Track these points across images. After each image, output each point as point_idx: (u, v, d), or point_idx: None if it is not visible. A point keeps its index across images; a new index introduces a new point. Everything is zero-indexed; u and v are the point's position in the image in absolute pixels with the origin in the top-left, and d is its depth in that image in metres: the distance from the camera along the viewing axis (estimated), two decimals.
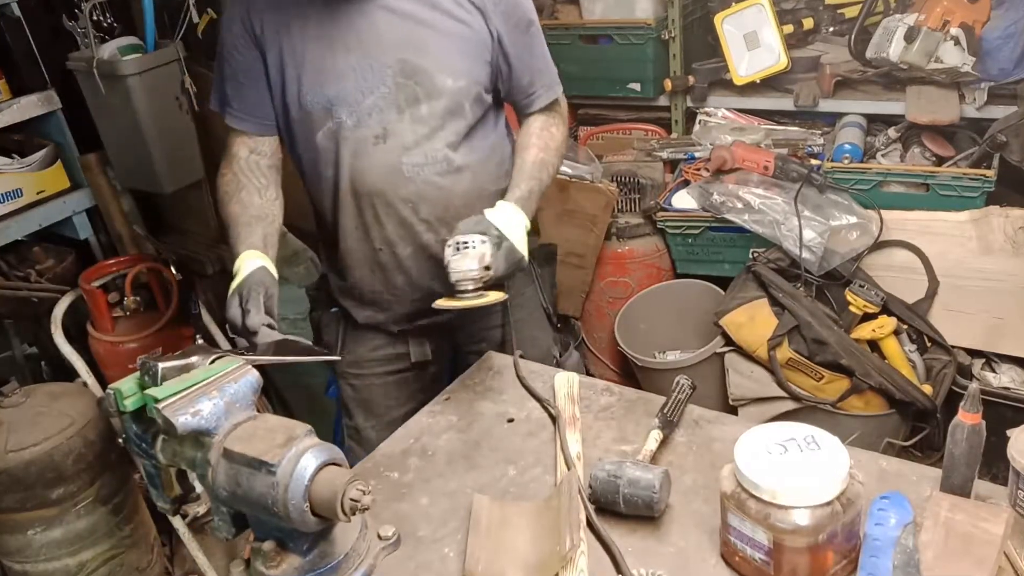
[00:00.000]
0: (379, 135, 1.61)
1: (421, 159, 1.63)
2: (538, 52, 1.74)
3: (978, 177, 2.44)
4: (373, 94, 1.59)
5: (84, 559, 1.96)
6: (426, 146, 1.63)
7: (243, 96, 1.67)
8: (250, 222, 1.63)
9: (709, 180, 2.73)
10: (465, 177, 1.67)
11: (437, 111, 1.62)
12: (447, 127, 1.63)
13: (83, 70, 2.42)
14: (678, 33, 2.89)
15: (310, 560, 1.03)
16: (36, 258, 2.60)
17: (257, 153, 1.71)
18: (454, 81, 1.61)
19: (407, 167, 1.62)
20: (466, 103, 1.64)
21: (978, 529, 1.02)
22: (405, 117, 1.61)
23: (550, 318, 1.95)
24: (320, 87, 1.60)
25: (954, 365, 2.42)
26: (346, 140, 1.62)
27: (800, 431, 1.07)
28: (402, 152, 1.62)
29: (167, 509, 1.20)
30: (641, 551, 1.14)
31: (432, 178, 1.64)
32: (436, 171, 1.64)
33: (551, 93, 1.76)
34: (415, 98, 1.60)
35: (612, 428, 1.40)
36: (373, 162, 1.62)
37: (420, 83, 1.60)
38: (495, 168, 1.74)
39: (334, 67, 1.59)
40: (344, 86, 1.59)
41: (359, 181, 1.64)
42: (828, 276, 2.49)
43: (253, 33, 1.62)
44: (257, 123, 1.70)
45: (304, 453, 0.97)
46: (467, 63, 1.63)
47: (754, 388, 2.48)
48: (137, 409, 1.07)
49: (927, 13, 2.47)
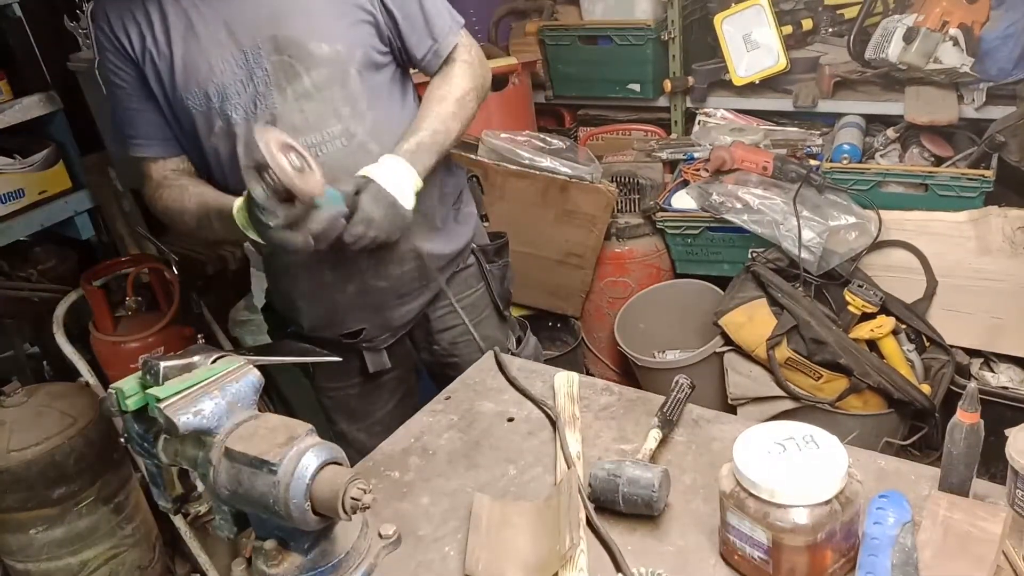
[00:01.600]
0: (268, 122, 1.50)
1: (316, 138, 1.53)
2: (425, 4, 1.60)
3: (976, 177, 2.44)
4: (252, 79, 1.50)
5: (86, 558, 1.97)
6: (318, 123, 1.53)
7: (137, 122, 1.59)
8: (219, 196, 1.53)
9: (708, 180, 2.73)
10: (373, 153, 1.54)
11: (320, 82, 1.51)
12: (336, 99, 1.53)
13: (85, 70, 2.43)
14: (678, 34, 2.90)
15: (311, 559, 1.03)
16: (38, 258, 2.61)
17: (178, 171, 1.63)
18: (330, 46, 1.51)
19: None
20: (351, 70, 1.53)
21: (976, 528, 1.02)
22: (288, 96, 1.51)
23: (499, 312, 1.90)
24: (195, 86, 1.50)
25: (952, 365, 2.43)
26: (239, 138, 1.52)
27: (799, 430, 1.08)
28: (293, 135, 1.44)
29: (169, 508, 1.20)
30: (641, 550, 1.15)
31: (335, 156, 1.54)
32: (336, 148, 1.55)
33: (447, 42, 1.63)
34: (294, 73, 1.50)
35: (612, 427, 1.41)
36: None
37: (294, 55, 1.49)
38: None
39: (207, 61, 1.49)
40: (220, 80, 1.50)
41: None
42: (827, 276, 2.50)
43: (124, 51, 1.53)
44: (162, 145, 1.61)
45: (305, 452, 0.98)
46: (342, 25, 1.52)
47: (753, 387, 2.49)
48: (139, 408, 1.08)
49: (926, 14, 2.47)
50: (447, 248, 1.77)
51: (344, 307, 1.72)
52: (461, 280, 1.83)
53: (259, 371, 1.10)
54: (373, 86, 1.58)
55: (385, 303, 1.73)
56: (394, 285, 1.72)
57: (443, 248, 1.76)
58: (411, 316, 1.79)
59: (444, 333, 1.84)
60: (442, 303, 1.82)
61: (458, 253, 1.81)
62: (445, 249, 1.77)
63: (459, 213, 1.82)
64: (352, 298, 1.70)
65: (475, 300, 1.85)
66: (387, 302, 1.73)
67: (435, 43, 1.62)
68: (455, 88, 1.62)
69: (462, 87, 1.63)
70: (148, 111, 1.58)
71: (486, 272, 1.85)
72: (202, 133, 1.56)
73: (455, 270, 1.81)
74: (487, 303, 1.88)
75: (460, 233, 1.81)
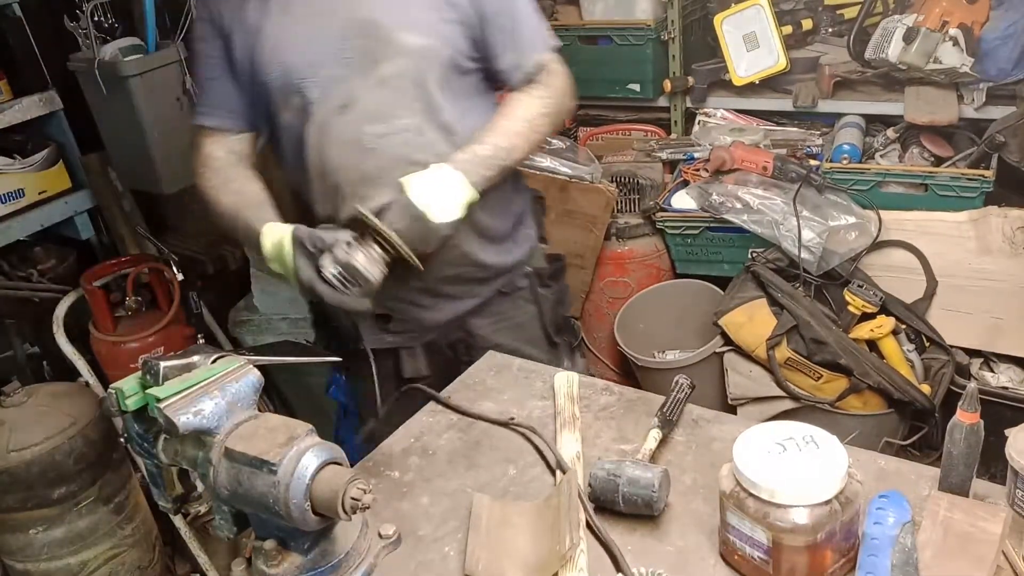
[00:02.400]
0: (343, 104, 1.49)
1: (385, 128, 1.50)
2: (520, 11, 1.55)
3: (976, 177, 2.44)
4: (335, 59, 1.48)
5: (86, 558, 1.97)
6: (390, 114, 1.50)
7: (211, 91, 1.59)
8: (257, 204, 1.54)
9: (708, 180, 2.73)
10: (440, 153, 1.50)
11: (399, 72, 1.48)
12: (413, 92, 1.49)
13: (84, 71, 2.43)
14: (677, 34, 2.90)
15: (311, 559, 1.03)
16: (38, 258, 2.61)
17: (233, 153, 1.62)
18: (417, 39, 1.47)
19: (367, 138, 1.50)
20: (435, 66, 1.49)
21: (976, 528, 1.02)
22: (368, 81, 1.48)
23: (550, 339, 1.84)
24: (278, 60, 1.50)
25: (952, 365, 2.43)
26: (312, 116, 1.51)
27: (799, 430, 1.08)
28: (364, 121, 1.49)
29: (168, 508, 1.20)
30: (640, 550, 1.15)
31: (397, 149, 1.50)
32: (402, 142, 1.51)
33: (533, 59, 1.57)
34: (374, 58, 1.47)
35: (611, 427, 1.41)
36: (333, 136, 1.51)
37: (380, 41, 1.47)
38: None
39: (292, 36, 1.49)
40: (303, 55, 1.48)
41: (322, 161, 1.53)
42: (827, 276, 2.50)
43: (215, 22, 1.54)
44: (228, 117, 1.60)
45: (305, 452, 0.98)
46: (432, 20, 1.48)
47: (753, 387, 2.49)
48: (139, 408, 1.08)
49: (926, 14, 2.47)
50: (493, 259, 1.70)
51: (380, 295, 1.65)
52: (510, 301, 1.77)
53: (259, 371, 1.10)
54: (454, 87, 1.54)
55: (416, 299, 1.68)
56: (429, 284, 1.66)
57: (489, 258, 1.69)
58: (443, 320, 1.72)
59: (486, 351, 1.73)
60: (488, 318, 1.76)
61: (506, 270, 1.74)
62: (491, 260, 1.70)
63: (518, 233, 1.75)
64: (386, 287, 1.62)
65: (524, 322, 1.79)
66: (418, 299, 1.68)
67: (520, 57, 1.56)
68: (529, 108, 1.56)
69: (536, 109, 1.56)
70: (225, 81, 1.57)
71: (539, 296, 1.79)
72: (277, 107, 1.54)
73: (503, 289, 1.75)
74: (536, 327, 1.81)
75: (513, 252, 1.74)
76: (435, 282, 1.66)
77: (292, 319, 2.74)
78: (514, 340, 1.75)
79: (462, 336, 1.78)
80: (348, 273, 1.29)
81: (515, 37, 1.55)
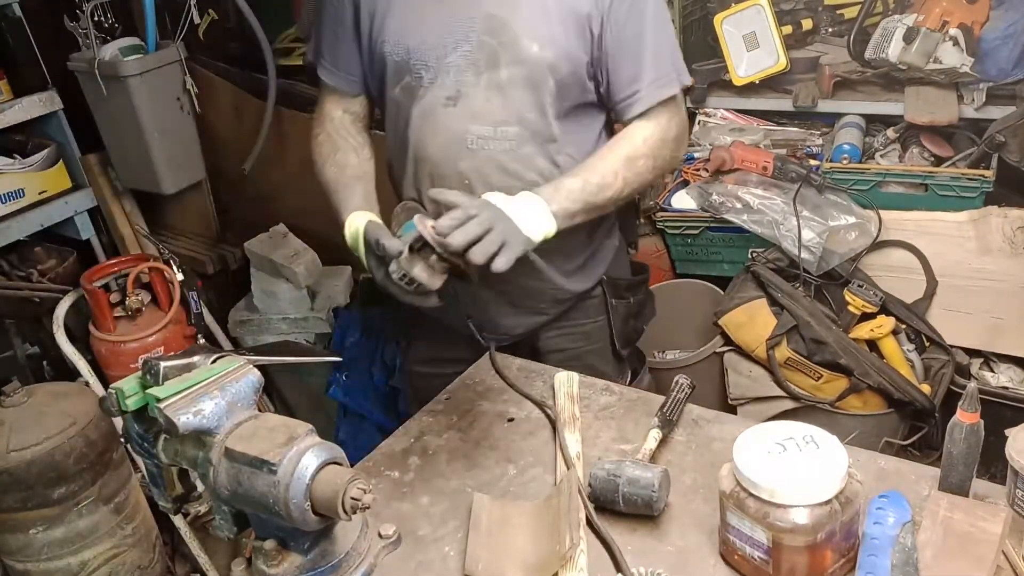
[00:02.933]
0: (452, 96, 1.47)
1: (489, 132, 1.47)
2: (649, 38, 1.45)
3: (976, 177, 2.44)
4: (456, 51, 1.45)
5: (86, 558, 1.96)
6: (497, 118, 1.46)
7: (336, 51, 1.60)
8: (349, 183, 1.55)
9: (708, 180, 2.73)
10: (537, 168, 1.48)
11: (516, 80, 1.44)
12: (524, 103, 1.45)
13: (84, 71, 2.43)
14: (677, 33, 2.89)
15: (311, 559, 1.03)
16: (38, 258, 2.61)
17: (350, 113, 1.65)
18: (540, 49, 1.42)
19: (471, 138, 1.47)
20: (551, 79, 1.44)
21: (976, 528, 1.02)
22: (482, 80, 1.45)
23: (616, 351, 1.79)
24: (401, 37, 1.48)
25: (952, 365, 2.43)
26: (420, 100, 1.49)
27: (799, 430, 1.08)
28: (470, 119, 1.46)
29: (169, 508, 1.20)
30: (640, 550, 1.15)
31: (497, 156, 1.47)
32: (503, 149, 1.47)
33: (652, 96, 1.47)
34: (495, 60, 1.43)
35: (611, 427, 1.41)
36: (438, 126, 1.49)
37: (503, 43, 1.42)
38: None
39: (420, 17, 1.46)
40: (426, 39, 1.46)
41: (422, 147, 1.51)
42: (827, 276, 2.50)
43: None
44: (347, 80, 1.62)
45: (305, 452, 0.98)
46: (559, 31, 1.43)
47: (753, 387, 2.49)
48: (139, 408, 1.08)
49: (926, 14, 2.47)
50: (574, 286, 1.68)
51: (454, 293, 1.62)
52: (581, 308, 1.73)
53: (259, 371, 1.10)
54: (566, 106, 1.49)
55: (496, 306, 1.67)
56: (511, 294, 1.65)
57: (571, 284, 1.67)
58: (520, 330, 1.71)
59: (550, 355, 1.73)
60: (555, 324, 1.74)
61: (585, 291, 1.71)
62: (573, 286, 1.68)
63: (601, 247, 1.71)
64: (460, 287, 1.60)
65: (591, 330, 1.75)
66: (498, 306, 1.68)
67: (638, 92, 1.48)
68: (630, 147, 1.47)
69: (639, 149, 1.47)
70: (349, 44, 1.58)
71: (610, 307, 1.74)
72: (389, 83, 1.54)
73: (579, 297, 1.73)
74: (603, 336, 1.76)
75: (594, 270, 1.71)
76: (514, 292, 1.65)
77: (292, 319, 2.75)
78: (577, 346, 1.73)
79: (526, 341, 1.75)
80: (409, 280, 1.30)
81: (639, 68, 1.47)
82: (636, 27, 1.45)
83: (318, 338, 2.75)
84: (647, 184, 1.51)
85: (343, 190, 1.54)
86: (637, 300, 1.79)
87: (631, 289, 1.77)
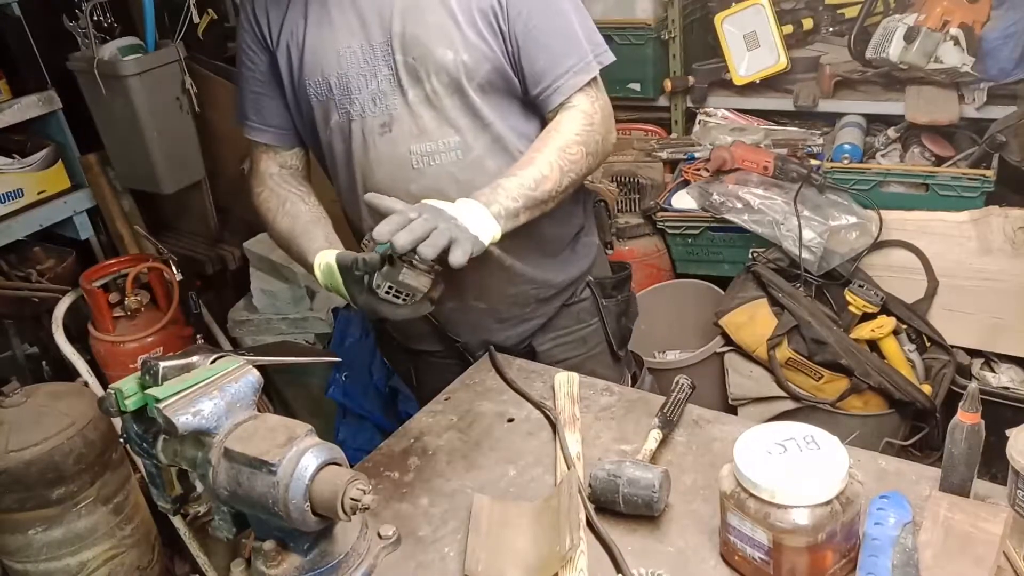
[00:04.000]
0: (385, 123, 1.47)
1: (431, 147, 1.47)
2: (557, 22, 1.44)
3: (977, 177, 2.44)
4: (376, 77, 1.45)
5: (85, 559, 1.96)
6: (435, 132, 1.46)
7: (261, 107, 1.58)
8: (306, 229, 1.53)
9: (709, 180, 2.73)
10: (489, 171, 1.46)
11: (441, 90, 1.44)
12: (456, 109, 1.46)
13: (83, 70, 2.42)
14: (678, 33, 2.90)
15: (310, 559, 1.03)
16: (37, 258, 2.60)
17: (287, 167, 1.63)
18: (455, 55, 1.42)
19: (415, 158, 1.47)
20: (474, 82, 1.44)
21: (977, 529, 1.02)
22: (409, 99, 1.45)
23: (614, 352, 1.78)
24: (320, 75, 1.47)
25: (953, 365, 2.43)
26: (354, 134, 1.49)
27: (799, 431, 1.07)
28: (409, 140, 1.46)
29: (168, 509, 1.20)
30: (641, 551, 1.15)
31: (446, 168, 1.47)
32: (451, 160, 1.47)
33: (568, 85, 1.46)
34: (416, 77, 1.44)
35: (612, 428, 1.40)
36: (380, 155, 1.49)
37: (418, 58, 1.43)
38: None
39: (335, 51, 1.46)
40: (345, 71, 1.46)
41: (369, 179, 1.51)
42: (827, 276, 2.50)
43: (261, 34, 1.53)
44: (278, 134, 1.60)
45: (305, 453, 0.98)
46: (470, 33, 1.43)
47: (754, 388, 2.49)
48: (138, 409, 1.08)
49: (927, 13, 2.47)
50: (556, 277, 1.66)
51: (444, 319, 1.65)
52: (572, 314, 1.72)
53: (258, 371, 1.10)
54: (501, 103, 1.49)
55: (484, 324, 1.66)
56: (495, 307, 1.64)
57: (552, 277, 1.65)
58: (512, 342, 1.69)
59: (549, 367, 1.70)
60: (549, 335, 1.71)
61: (568, 284, 1.69)
62: (554, 278, 1.66)
63: (578, 243, 1.70)
64: (450, 313, 1.63)
65: (586, 335, 1.73)
66: (486, 324, 1.66)
67: (552, 84, 1.46)
68: (560, 137, 1.45)
69: (567, 138, 1.45)
70: (272, 98, 1.56)
71: (602, 308, 1.73)
72: (319, 124, 1.53)
73: (566, 302, 1.71)
74: (600, 340, 1.75)
75: (575, 264, 1.69)
76: (498, 304, 1.64)
77: (292, 319, 2.74)
78: (577, 355, 1.72)
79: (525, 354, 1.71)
80: (399, 288, 1.29)
81: (552, 57, 1.45)
82: (542, 14, 1.43)
83: (317, 338, 2.75)
84: (585, 172, 1.48)
85: (301, 237, 1.52)
86: (624, 297, 1.79)
87: (618, 287, 1.77)
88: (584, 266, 1.71)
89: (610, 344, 1.77)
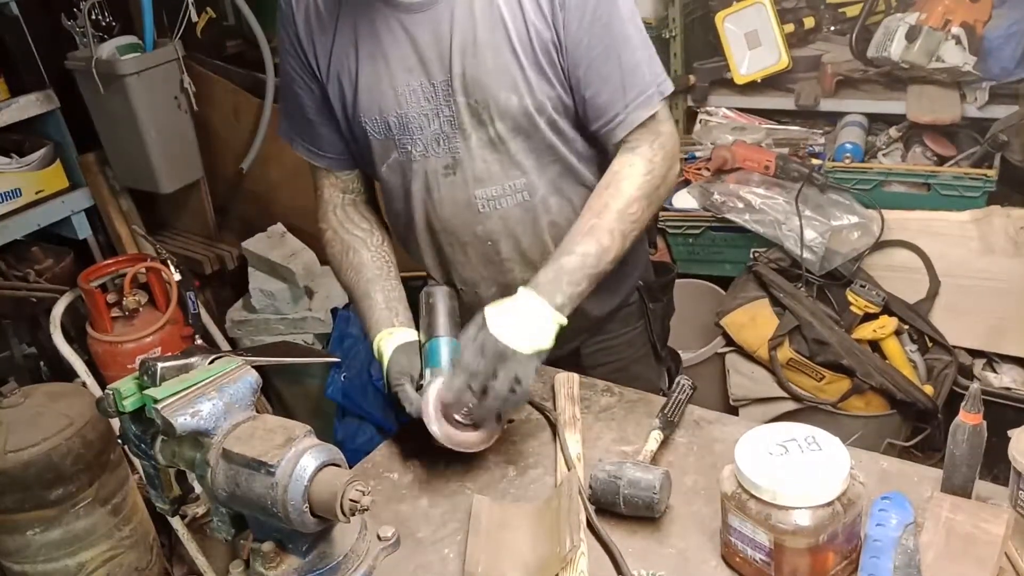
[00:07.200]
0: (449, 165, 1.41)
1: (496, 191, 1.42)
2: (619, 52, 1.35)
3: (979, 177, 2.43)
4: (439, 118, 1.39)
5: (83, 560, 1.96)
6: (499, 175, 1.41)
7: (316, 134, 1.52)
8: (367, 291, 1.48)
9: (710, 180, 2.72)
10: (552, 210, 1.45)
11: (506, 134, 1.39)
12: (521, 151, 1.40)
13: (82, 69, 2.42)
14: (679, 32, 2.89)
15: (309, 561, 1.02)
16: (35, 258, 2.60)
17: (350, 193, 1.57)
18: (519, 99, 1.36)
19: (480, 202, 1.43)
20: (540, 122, 1.39)
21: (979, 530, 1.02)
22: (472, 142, 1.39)
23: (657, 353, 1.75)
24: (378, 114, 1.41)
25: (955, 365, 2.42)
26: (416, 173, 1.44)
27: (801, 431, 1.07)
28: (474, 184, 1.41)
29: (166, 510, 1.19)
30: (641, 552, 1.14)
31: (513, 212, 1.44)
32: (516, 203, 1.43)
33: (629, 120, 1.37)
34: (480, 120, 1.38)
35: (612, 429, 1.40)
36: (443, 197, 1.44)
37: (480, 101, 1.36)
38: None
39: (392, 90, 1.39)
40: (405, 112, 1.39)
41: (433, 217, 1.47)
42: (829, 276, 2.49)
43: (307, 62, 1.45)
44: (337, 160, 1.54)
45: (303, 454, 0.97)
46: (532, 75, 1.36)
47: (755, 388, 2.48)
48: (136, 409, 1.07)
49: (928, 12, 2.47)
50: (607, 305, 1.62)
51: None
52: (620, 318, 1.68)
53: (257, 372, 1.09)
54: (562, 135, 1.43)
55: None
56: None
57: (602, 307, 1.61)
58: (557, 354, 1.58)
59: (594, 370, 1.65)
60: (597, 338, 1.68)
61: (618, 305, 1.65)
62: (605, 307, 1.62)
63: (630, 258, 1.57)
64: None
65: (632, 338, 1.70)
66: None
67: (617, 116, 1.38)
68: (620, 196, 1.36)
69: (629, 194, 1.36)
70: (326, 126, 1.50)
71: (648, 311, 1.69)
72: (376, 157, 1.47)
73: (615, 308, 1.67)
74: (644, 342, 1.72)
75: (623, 284, 1.64)
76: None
77: (290, 319, 2.74)
78: (621, 357, 1.70)
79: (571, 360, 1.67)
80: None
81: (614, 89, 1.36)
82: (601, 44, 1.34)
83: (316, 338, 2.74)
84: (647, 222, 1.41)
85: (363, 301, 1.49)
86: (668, 299, 1.75)
87: (663, 290, 1.73)
88: (633, 280, 1.68)
89: (654, 346, 1.74)
